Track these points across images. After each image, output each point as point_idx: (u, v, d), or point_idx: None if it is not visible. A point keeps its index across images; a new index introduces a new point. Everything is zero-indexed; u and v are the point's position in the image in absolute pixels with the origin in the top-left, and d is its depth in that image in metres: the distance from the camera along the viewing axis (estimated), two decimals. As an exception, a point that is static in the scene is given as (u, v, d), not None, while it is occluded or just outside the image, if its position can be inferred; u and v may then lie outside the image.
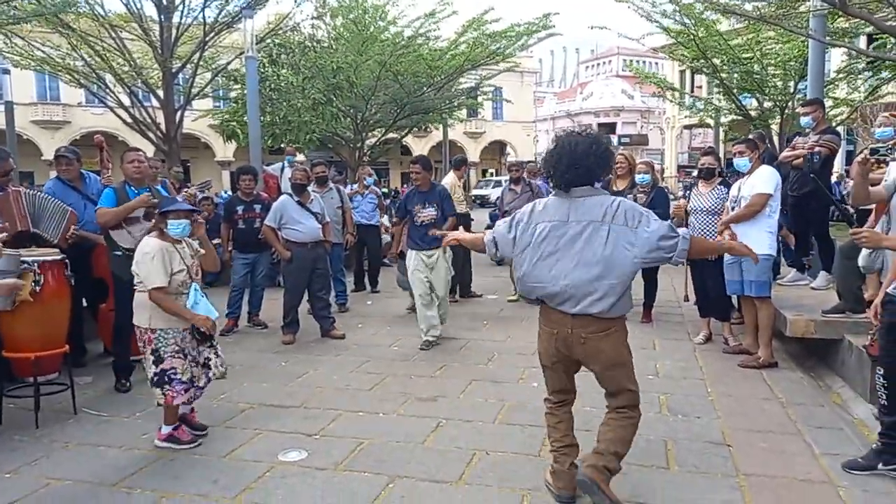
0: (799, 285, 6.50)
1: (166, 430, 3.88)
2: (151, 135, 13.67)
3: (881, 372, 3.40)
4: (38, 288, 4.14)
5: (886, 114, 5.63)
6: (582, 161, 2.95)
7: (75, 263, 4.71)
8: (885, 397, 3.37)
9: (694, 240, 3.02)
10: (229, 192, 11.18)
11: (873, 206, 4.33)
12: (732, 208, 5.39)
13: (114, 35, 13.07)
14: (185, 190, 5.71)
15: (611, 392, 3.16)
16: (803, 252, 6.82)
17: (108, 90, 14.35)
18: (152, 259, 3.75)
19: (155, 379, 3.79)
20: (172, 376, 3.79)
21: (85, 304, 5.52)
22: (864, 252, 4.55)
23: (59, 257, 4.47)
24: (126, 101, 14.07)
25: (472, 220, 9.31)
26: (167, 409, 3.87)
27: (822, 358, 5.44)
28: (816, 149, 5.97)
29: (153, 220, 4.14)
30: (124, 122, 14.05)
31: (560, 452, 3.19)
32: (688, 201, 6.11)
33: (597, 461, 2.98)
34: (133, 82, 14.21)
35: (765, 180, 5.17)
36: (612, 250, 2.89)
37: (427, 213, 6.27)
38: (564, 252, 2.96)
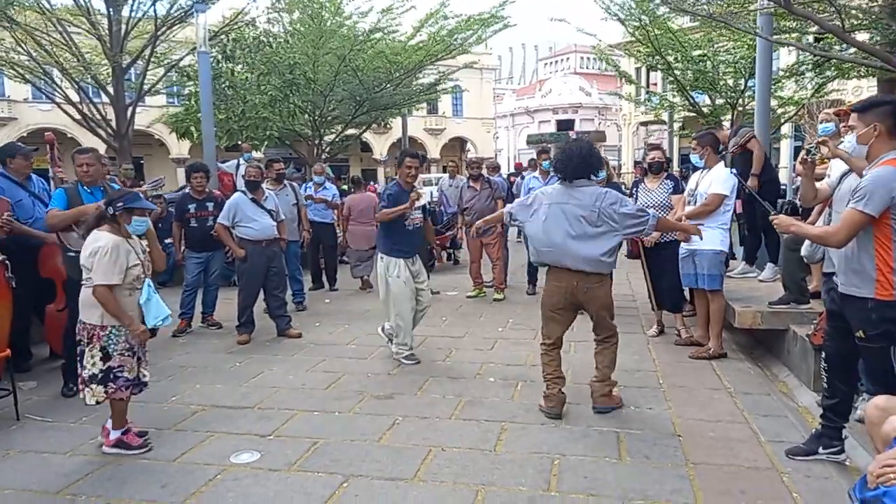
0: (748, 277, 6.68)
1: (115, 434, 3.77)
2: (102, 132, 13.32)
3: (823, 356, 3.52)
4: (-24, 290, 3.99)
5: (829, 110, 5.81)
6: (586, 160, 4.15)
7: (20, 264, 4.54)
8: (825, 381, 3.49)
9: (660, 218, 4.40)
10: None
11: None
12: (689, 201, 5.51)
13: (60, 29, 12.67)
14: (139, 188, 5.56)
15: (600, 326, 4.36)
16: (755, 245, 6.99)
17: (55, 86, 13.92)
18: (106, 255, 3.58)
19: (99, 376, 3.65)
20: (118, 374, 3.69)
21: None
22: (806, 242, 4.69)
23: (-1, 258, 4.31)
24: (75, 97, 13.67)
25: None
26: (116, 413, 3.76)
27: (769, 348, 5.60)
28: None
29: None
30: (73, 118, 13.64)
31: (552, 382, 4.28)
32: (636, 199, 6.21)
33: (602, 389, 4.30)
34: (82, 78, 13.81)
35: (722, 181, 5.30)
36: (601, 226, 4.06)
37: (418, 217, 5.61)
38: (567, 225, 4.10)
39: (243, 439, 3.93)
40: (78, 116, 13.42)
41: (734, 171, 5.56)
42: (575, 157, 4.14)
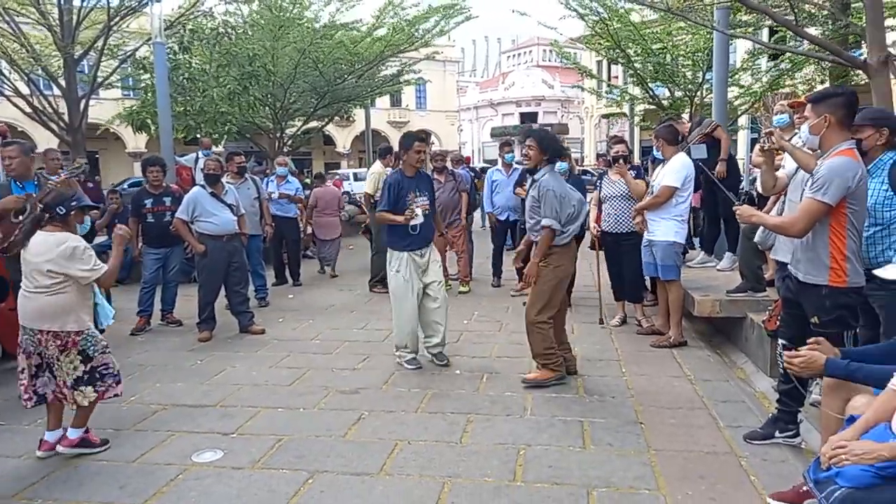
0: (707, 267, 6.82)
1: (75, 434, 3.64)
2: (54, 125, 12.91)
3: (781, 343, 3.60)
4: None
5: (784, 102, 5.95)
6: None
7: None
8: (781, 367, 3.58)
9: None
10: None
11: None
12: (650, 193, 5.60)
13: (7, 19, 12.23)
14: (56, 179, 5.26)
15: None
16: (714, 235, 7.13)
17: (3, 78, 13.45)
18: (86, 249, 3.55)
19: (85, 378, 3.57)
20: (104, 372, 3.63)
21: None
22: (760, 228, 4.80)
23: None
24: (25, 89, 13.22)
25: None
26: (81, 412, 3.65)
27: (728, 335, 5.73)
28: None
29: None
30: (24, 112, 13.20)
31: (560, 351, 4.73)
32: (600, 191, 6.30)
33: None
34: (31, 70, 13.36)
35: (673, 172, 5.40)
36: None
37: (424, 204, 5.16)
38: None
39: (205, 438, 3.87)
40: (29, 110, 12.98)
41: (697, 158, 5.65)
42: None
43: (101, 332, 3.80)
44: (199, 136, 13.83)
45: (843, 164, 3.02)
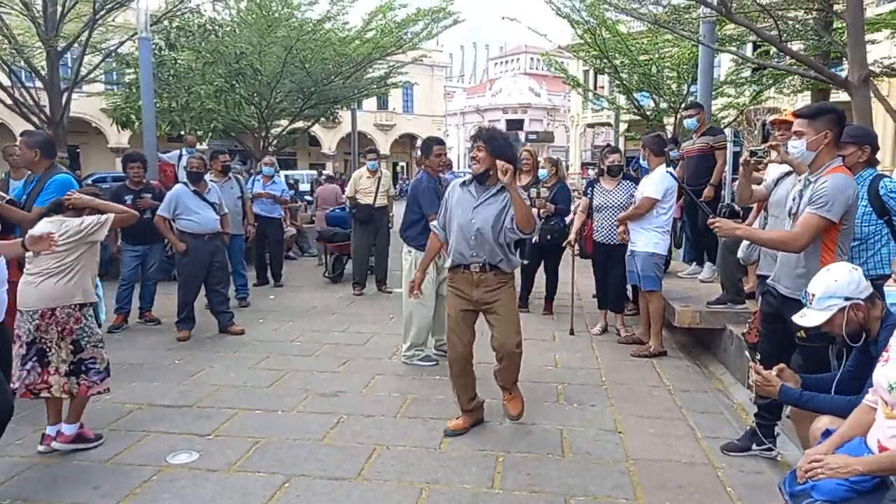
0: (694, 277, 6.88)
1: (70, 429, 3.62)
2: (35, 118, 12.71)
3: (758, 357, 3.62)
4: None
5: (770, 118, 6.02)
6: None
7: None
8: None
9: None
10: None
11: (755, 204, 4.63)
12: (633, 204, 5.63)
13: (-10, 9, 12.04)
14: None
15: None
16: (698, 245, 7.19)
17: (-17, 69, 13.23)
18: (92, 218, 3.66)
19: (71, 368, 3.54)
20: (90, 366, 3.60)
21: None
22: (743, 244, 4.85)
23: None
24: (6, 81, 13.00)
25: (392, 214, 8.81)
26: (74, 408, 3.63)
27: (707, 346, 5.78)
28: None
29: None
30: (4, 104, 12.97)
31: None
32: (591, 199, 6.29)
33: None
34: (13, 61, 13.15)
35: (654, 184, 5.44)
36: None
37: None
38: None
39: (181, 439, 3.82)
40: (10, 102, 12.77)
41: (669, 170, 5.66)
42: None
43: (100, 325, 3.82)
44: (182, 133, 13.72)
45: (844, 181, 3.03)
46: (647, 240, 5.37)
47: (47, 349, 3.54)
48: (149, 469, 3.43)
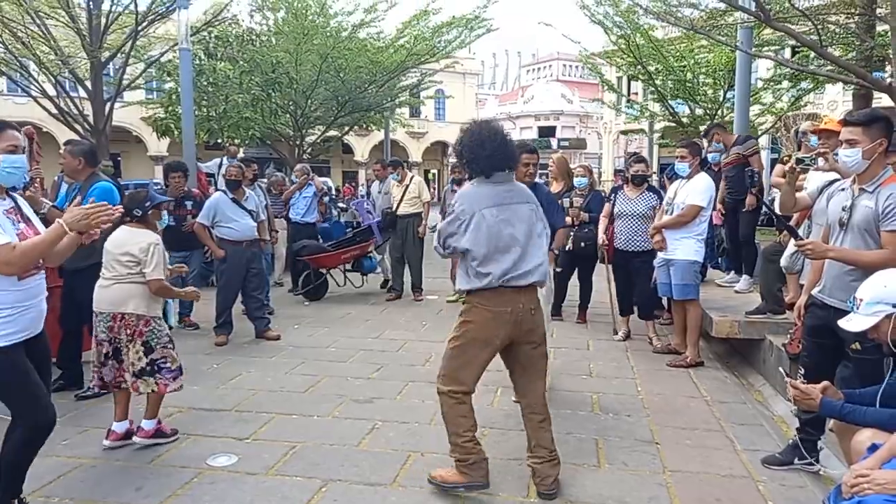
0: (732, 285, 6.77)
1: (150, 425, 3.80)
2: (79, 127, 13.10)
3: (802, 371, 3.54)
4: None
5: (808, 124, 5.90)
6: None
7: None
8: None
9: None
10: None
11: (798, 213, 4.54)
12: (666, 210, 5.56)
13: (38, 22, 12.45)
14: None
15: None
16: (737, 255, 7.08)
17: (31, 79, 13.68)
18: (157, 250, 3.81)
19: (147, 369, 3.74)
20: (161, 365, 3.78)
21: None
22: (787, 252, 4.75)
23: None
24: (52, 91, 13.43)
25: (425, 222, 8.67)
26: (151, 404, 3.82)
27: (746, 357, 5.68)
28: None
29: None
30: (50, 113, 13.40)
31: (475, 443, 3.32)
32: (613, 205, 6.28)
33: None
34: (59, 72, 13.58)
35: (700, 192, 5.34)
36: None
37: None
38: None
39: (220, 442, 3.89)
40: (55, 111, 13.18)
41: (752, 188, 5.58)
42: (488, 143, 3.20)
43: (171, 328, 3.99)
44: (220, 141, 13.98)
45: None
46: (687, 248, 5.30)
47: (122, 349, 3.76)
48: (189, 471, 3.50)
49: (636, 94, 26.06)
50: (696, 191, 5.34)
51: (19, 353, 2.72)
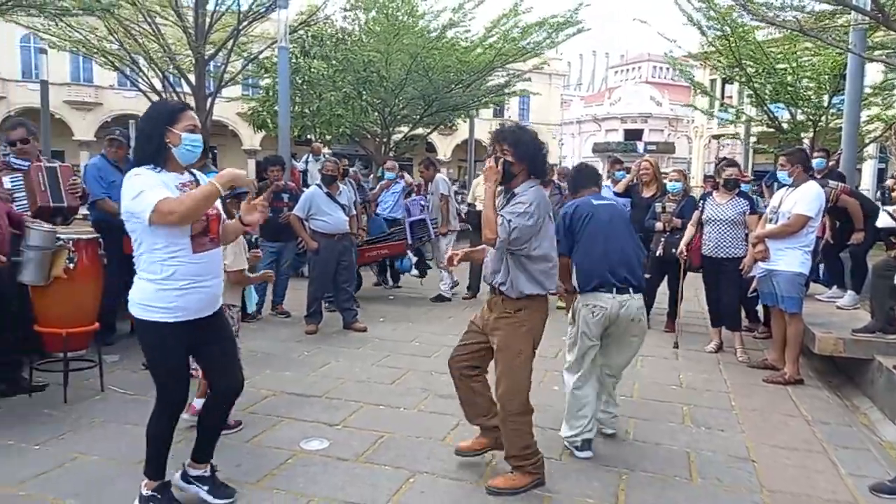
0: (834, 301, 6.43)
1: (199, 403, 3.86)
2: (182, 121, 13.81)
3: None
4: (71, 265, 4.20)
5: None
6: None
7: (109, 243, 4.76)
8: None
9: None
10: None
11: None
12: (770, 219, 5.32)
13: (150, 20, 13.22)
14: None
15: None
16: (839, 267, 6.72)
17: (140, 73, 14.54)
18: (240, 241, 3.96)
19: None
20: None
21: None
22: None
23: (93, 236, 4.54)
24: (158, 85, 14.22)
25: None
26: (204, 383, 3.87)
27: (850, 377, 5.35)
28: None
29: None
30: (156, 107, 14.19)
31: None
32: (702, 211, 6.07)
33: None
34: (166, 67, 14.37)
35: (808, 202, 5.06)
36: None
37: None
38: None
39: (311, 427, 4.02)
40: (160, 104, 13.95)
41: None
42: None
43: (252, 316, 4.10)
44: (310, 137, 14.43)
45: None
46: (792, 259, 5.05)
47: None
48: (284, 452, 3.63)
49: (730, 97, 25.06)
50: (803, 199, 5.06)
51: (180, 333, 2.83)
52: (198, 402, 3.89)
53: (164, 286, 2.76)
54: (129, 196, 2.69)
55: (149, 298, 2.78)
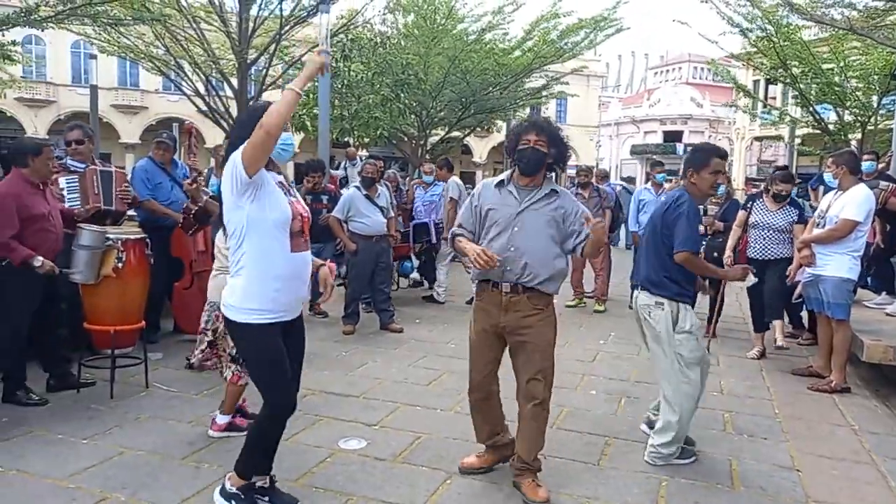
0: (884, 307, 6.23)
1: (224, 419, 3.83)
2: (224, 123, 14.10)
3: None
4: (120, 264, 4.33)
5: None
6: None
7: (155, 243, 4.89)
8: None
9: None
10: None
11: None
12: (818, 223, 5.19)
13: (195, 25, 13.54)
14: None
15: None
16: (889, 273, 6.51)
17: (185, 78, 14.89)
18: None
19: (236, 356, 3.80)
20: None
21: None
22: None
23: (141, 236, 4.68)
24: (202, 89, 14.56)
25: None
26: (231, 398, 3.85)
27: (900, 386, 5.19)
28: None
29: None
30: (199, 109, 14.52)
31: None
32: (749, 213, 5.97)
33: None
34: (209, 71, 14.70)
35: (857, 206, 4.91)
36: None
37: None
38: None
39: (349, 426, 4.06)
40: (204, 108, 14.27)
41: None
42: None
43: None
44: (348, 140, 14.57)
45: None
46: (840, 264, 4.91)
47: (218, 337, 3.91)
48: (323, 451, 3.68)
49: (773, 98, 24.50)
50: (851, 203, 4.92)
51: (277, 335, 2.80)
52: (221, 419, 3.85)
53: (262, 282, 2.72)
54: (227, 176, 2.68)
55: (246, 299, 2.74)
